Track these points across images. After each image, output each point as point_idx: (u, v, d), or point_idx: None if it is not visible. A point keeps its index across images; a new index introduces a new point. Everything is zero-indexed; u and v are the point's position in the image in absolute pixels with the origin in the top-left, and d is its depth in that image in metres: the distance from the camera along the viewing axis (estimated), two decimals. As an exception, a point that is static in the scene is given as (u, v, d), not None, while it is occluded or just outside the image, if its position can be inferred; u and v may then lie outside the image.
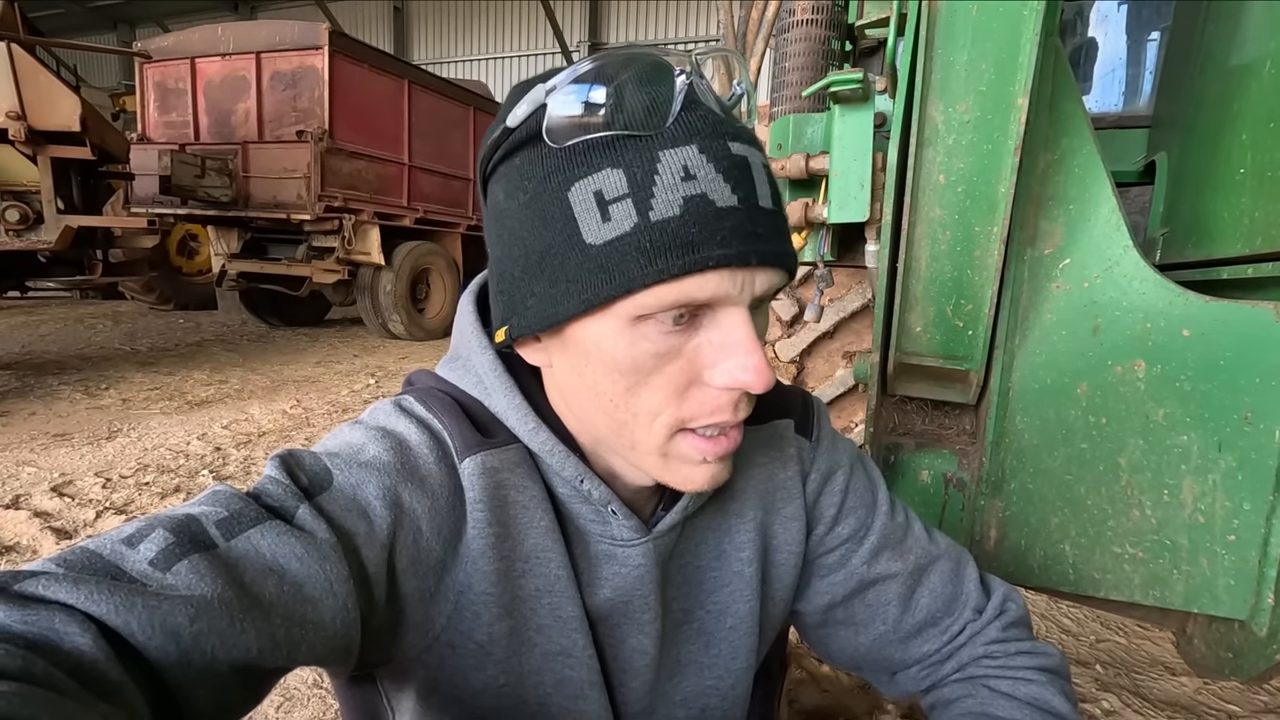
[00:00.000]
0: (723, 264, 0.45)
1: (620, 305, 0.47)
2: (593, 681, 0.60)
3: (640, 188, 0.45)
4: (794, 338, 2.20)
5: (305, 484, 0.49)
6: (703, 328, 0.48)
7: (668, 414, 0.50)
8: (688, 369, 0.49)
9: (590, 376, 0.51)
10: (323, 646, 0.45)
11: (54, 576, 0.37)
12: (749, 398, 0.52)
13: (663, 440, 0.51)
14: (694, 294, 0.46)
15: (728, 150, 0.46)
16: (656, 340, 0.48)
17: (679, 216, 0.44)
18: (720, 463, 0.53)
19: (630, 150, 0.45)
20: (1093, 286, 1.19)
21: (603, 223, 0.45)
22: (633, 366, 0.48)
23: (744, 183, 0.46)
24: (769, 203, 0.48)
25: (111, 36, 18.90)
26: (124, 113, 9.63)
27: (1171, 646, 1.82)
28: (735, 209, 0.45)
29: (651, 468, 0.54)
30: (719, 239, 0.45)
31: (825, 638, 0.76)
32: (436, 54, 16.71)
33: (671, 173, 0.45)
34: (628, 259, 0.45)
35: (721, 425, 0.51)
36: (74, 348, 5.88)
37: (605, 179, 0.45)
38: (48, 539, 2.25)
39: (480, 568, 0.54)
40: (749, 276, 0.47)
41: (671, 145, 0.45)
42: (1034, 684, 0.65)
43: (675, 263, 0.44)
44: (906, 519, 0.74)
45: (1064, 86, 1.20)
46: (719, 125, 0.47)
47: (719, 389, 0.49)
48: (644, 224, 0.45)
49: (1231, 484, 1.13)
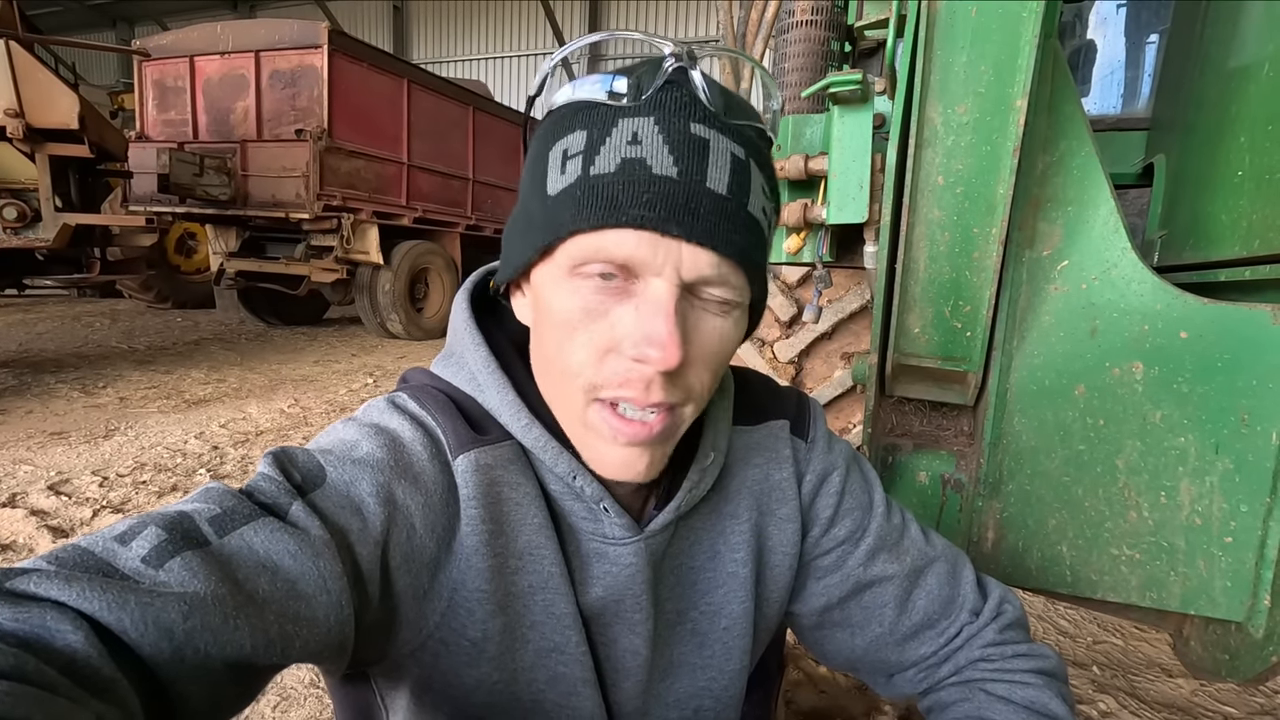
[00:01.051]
0: (639, 224, 0.46)
1: (558, 253, 0.50)
2: (585, 679, 0.60)
3: (592, 147, 0.48)
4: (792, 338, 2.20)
5: (299, 481, 0.49)
6: (632, 296, 0.49)
7: (585, 376, 0.51)
8: (609, 333, 0.50)
9: (541, 328, 0.54)
10: (316, 643, 0.45)
11: (46, 574, 0.36)
12: (667, 384, 0.50)
13: (581, 406, 0.53)
14: (611, 250, 0.48)
15: (686, 128, 0.48)
16: (586, 296, 0.49)
17: (612, 174, 0.47)
18: (635, 449, 0.52)
19: (598, 116, 0.49)
20: (1091, 288, 1.19)
21: (560, 175, 0.50)
22: (564, 319, 0.51)
23: (691, 158, 0.47)
24: (721, 188, 0.48)
25: (110, 34, 18.87)
26: (122, 111, 9.61)
27: (1168, 648, 1.82)
28: (670, 179, 0.47)
29: (576, 439, 0.55)
30: (644, 201, 0.46)
31: (821, 639, 0.75)
32: (436, 53, 16.71)
33: (621, 136, 0.48)
34: (564, 206, 0.49)
35: (632, 402, 0.51)
36: (71, 346, 5.87)
37: (573, 139, 0.49)
38: (44, 537, 2.25)
39: (474, 564, 0.54)
40: (674, 249, 0.47)
41: (633, 115, 0.48)
42: (1031, 687, 0.64)
43: (596, 214, 0.47)
44: (903, 520, 0.73)
45: (1063, 88, 1.20)
46: (689, 106, 0.49)
47: (628, 360, 0.49)
48: (583, 177, 0.48)
49: (1229, 486, 1.13)
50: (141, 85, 6.90)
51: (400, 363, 5.88)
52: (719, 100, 0.50)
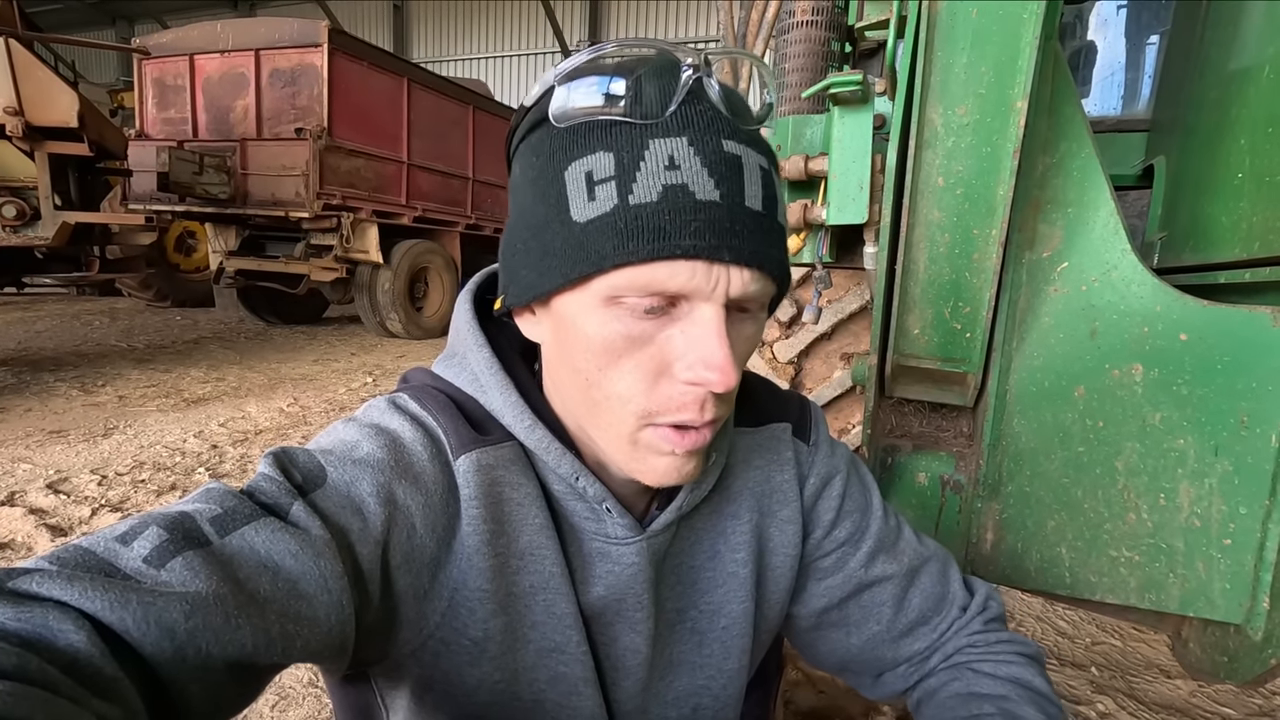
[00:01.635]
0: (692, 254, 0.45)
1: (596, 283, 0.48)
2: (586, 678, 0.60)
3: (625, 171, 0.46)
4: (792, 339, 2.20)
5: (299, 481, 0.49)
6: (677, 320, 0.49)
7: (636, 402, 0.50)
8: (658, 357, 0.49)
9: (569, 353, 0.52)
10: (317, 643, 0.45)
11: (48, 574, 0.36)
12: (718, 400, 0.51)
13: (632, 429, 0.52)
14: (664, 281, 0.46)
15: (719, 146, 0.47)
16: (628, 323, 0.48)
17: (655, 203, 0.45)
18: (688, 458, 0.53)
19: (624, 136, 0.47)
20: (1091, 290, 1.19)
21: (588, 201, 0.47)
22: (604, 346, 0.49)
23: (730, 180, 0.47)
24: (758, 205, 0.48)
25: (110, 32, 18.86)
26: (122, 109, 9.61)
27: (1166, 649, 1.82)
28: (715, 204, 0.46)
29: (621, 455, 0.54)
30: (692, 229, 0.45)
31: (815, 640, 0.76)
32: (436, 52, 16.71)
33: (656, 160, 0.46)
34: (603, 237, 0.46)
35: (687, 424, 0.51)
36: (71, 344, 5.86)
37: (597, 161, 0.47)
38: (43, 536, 2.25)
39: (475, 564, 0.54)
40: (723, 273, 0.47)
41: (663, 135, 0.46)
42: (1014, 665, 0.67)
43: (645, 247, 0.45)
44: (898, 522, 0.75)
45: (1063, 90, 1.20)
46: (716, 122, 0.47)
47: (684, 384, 0.49)
48: (622, 206, 0.46)
49: (1228, 488, 1.13)
50: (141, 83, 6.89)
51: (399, 362, 5.87)
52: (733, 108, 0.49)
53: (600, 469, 0.59)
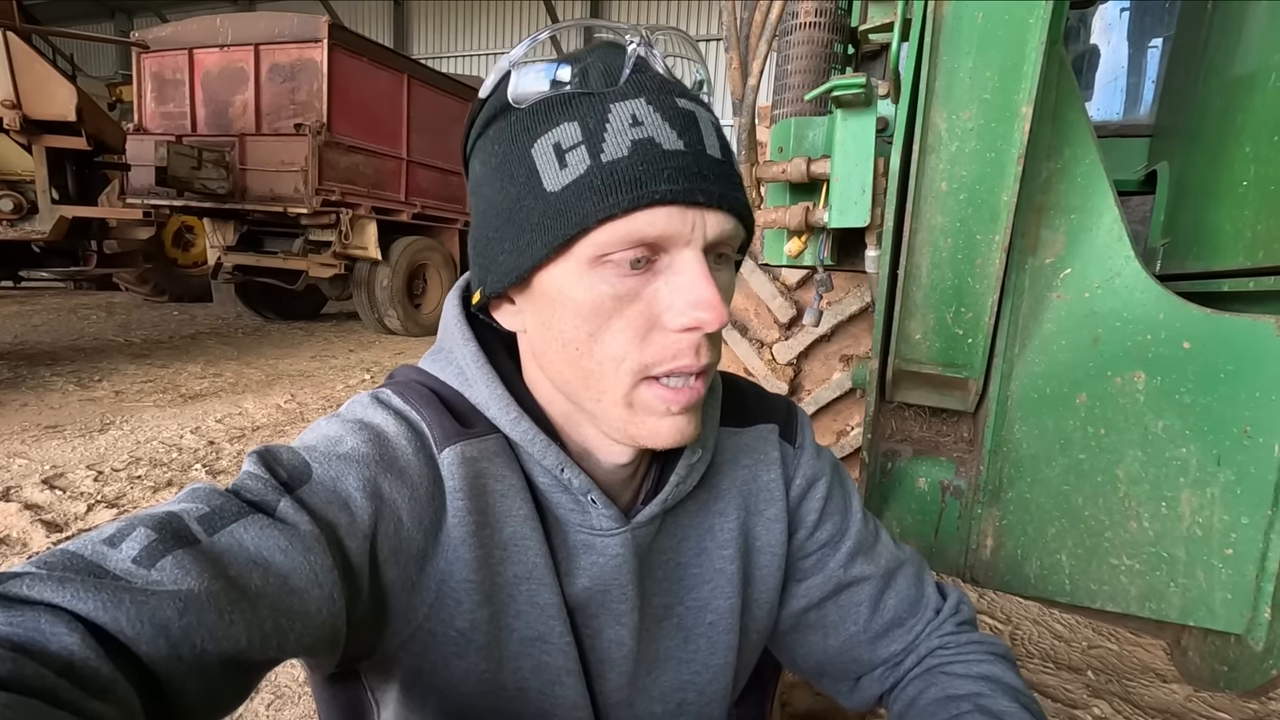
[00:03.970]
0: (669, 199, 0.48)
1: (579, 247, 0.50)
2: (570, 669, 0.61)
3: (593, 135, 0.49)
4: (791, 340, 2.20)
5: (285, 478, 0.50)
6: (660, 272, 0.51)
7: (630, 359, 0.51)
8: (647, 312, 0.51)
9: (557, 326, 0.53)
10: (310, 637, 0.46)
11: (37, 577, 0.36)
12: (711, 343, 0.53)
13: (628, 388, 0.52)
14: (645, 230, 0.48)
15: (674, 103, 0.50)
16: (614, 282, 0.50)
17: (627, 157, 0.48)
18: (685, 416, 0.54)
19: (585, 105, 0.50)
20: (1093, 296, 1.19)
21: (560, 170, 0.49)
22: (594, 309, 0.50)
23: (690, 131, 0.50)
24: (717, 153, 0.51)
25: (109, 25, 18.78)
26: (120, 103, 9.56)
27: (1163, 654, 1.82)
28: (681, 152, 0.49)
29: (618, 420, 0.55)
30: (666, 176, 0.48)
31: (794, 643, 0.77)
32: (436, 49, 16.67)
33: (621, 120, 0.49)
34: (582, 198, 0.48)
35: (684, 371, 0.52)
36: (67, 339, 5.84)
37: (563, 131, 0.49)
38: (38, 532, 2.24)
39: (461, 555, 0.55)
40: (699, 216, 0.49)
41: (622, 99, 0.49)
42: (985, 663, 0.68)
43: (625, 197, 0.47)
44: (875, 527, 0.77)
45: (1068, 95, 1.19)
46: (666, 84, 0.51)
47: (677, 332, 0.51)
48: (596, 165, 0.48)
49: (1230, 498, 1.13)
50: (140, 77, 6.87)
51: (398, 359, 5.86)
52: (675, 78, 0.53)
53: (585, 458, 0.60)
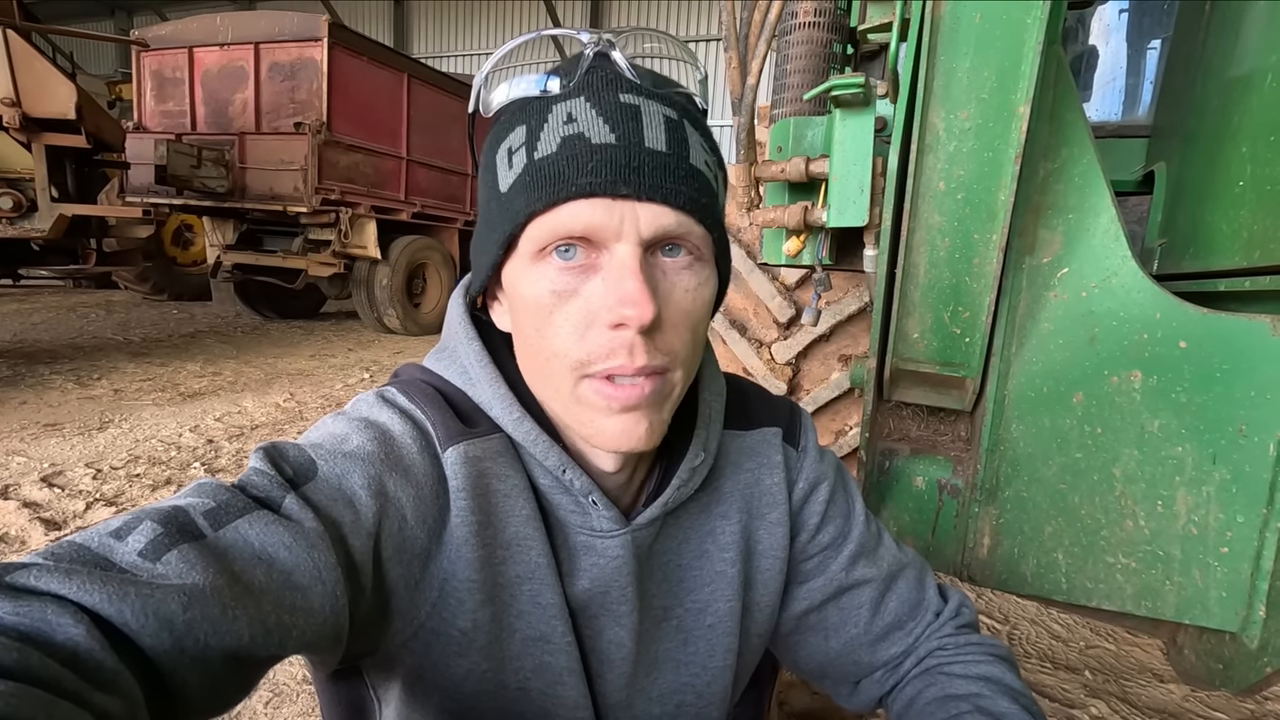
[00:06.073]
0: (590, 191, 0.48)
1: (521, 242, 0.52)
2: (571, 669, 0.61)
3: (532, 135, 0.51)
4: (790, 340, 2.20)
5: (290, 475, 0.50)
6: (599, 270, 0.51)
7: (571, 355, 0.51)
8: (584, 309, 0.51)
9: (518, 322, 0.55)
10: (313, 633, 0.46)
11: (45, 568, 0.36)
12: (649, 344, 0.51)
13: (571, 384, 0.53)
14: (569, 224, 0.49)
15: (616, 99, 0.50)
16: (553, 278, 0.51)
17: (555, 153, 0.49)
18: (632, 415, 0.52)
19: (533, 108, 0.51)
20: (1090, 296, 1.19)
21: (508, 170, 0.52)
22: (537, 305, 0.52)
23: (626, 124, 0.49)
24: (660, 145, 0.50)
25: (109, 24, 18.76)
26: (120, 101, 9.56)
27: (1160, 653, 1.82)
28: (611, 145, 0.49)
29: (571, 419, 0.55)
30: (589, 169, 0.48)
31: (795, 645, 0.77)
32: (436, 48, 16.65)
33: (557, 119, 0.50)
34: (517, 195, 0.51)
35: (619, 372, 0.51)
36: (66, 337, 5.84)
37: (514, 135, 0.52)
38: (37, 530, 2.24)
39: (463, 555, 0.55)
40: (628, 210, 0.49)
41: (564, 99, 0.51)
42: (984, 664, 0.68)
43: (547, 191, 0.49)
44: (878, 529, 0.77)
45: (1065, 95, 1.20)
46: (616, 81, 0.51)
47: (609, 330, 0.50)
48: (529, 164, 0.50)
49: (1225, 496, 1.13)
50: (140, 75, 6.86)
51: (397, 358, 5.86)
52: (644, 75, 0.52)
53: (581, 461, 0.60)
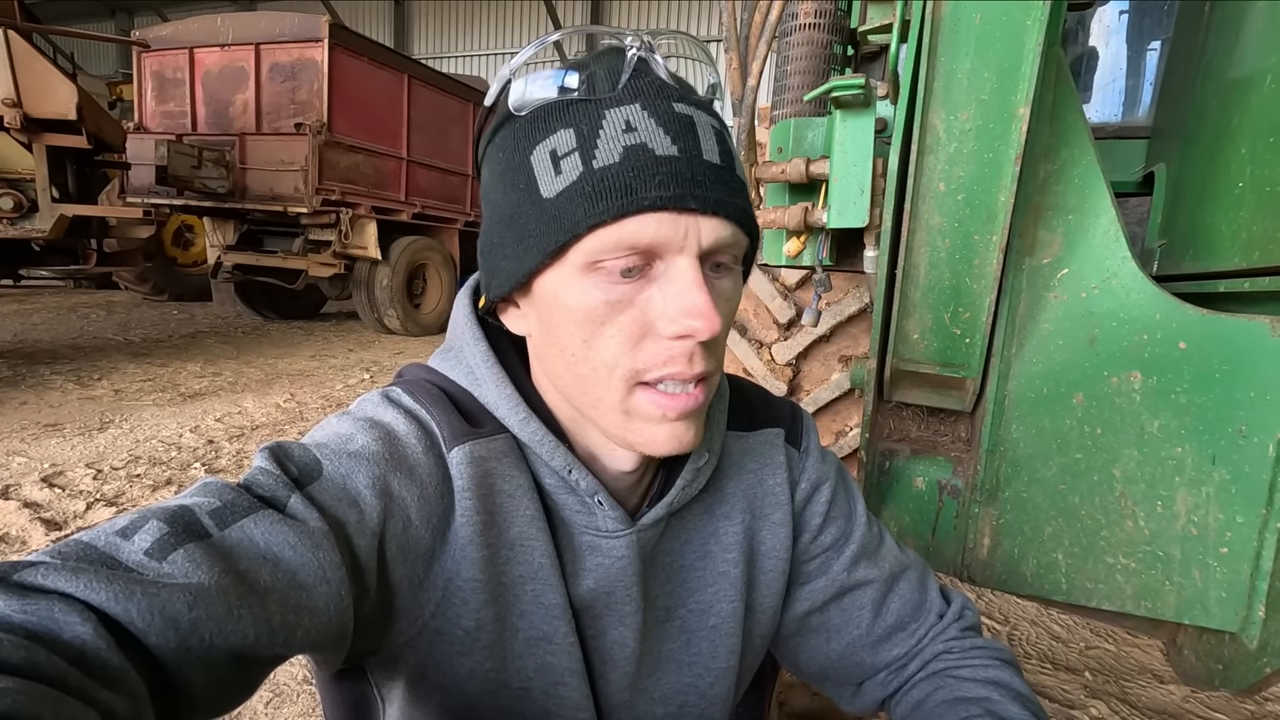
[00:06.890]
0: (659, 205, 0.47)
1: (572, 254, 0.50)
2: (573, 669, 0.61)
3: (586, 141, 0.49)
4: (790, 341, 2.20)
5: (295, 474, 0.50)
6: (654, 280, 0.50)
7: (623, 365, 0.51)
8: (640, 319, 0.50)
9: (555, 331, 0.53)
10: (317, 633, 0.46)
11: (52, 566, 0.37)
12: (708, 351, 0.52)
13: (622, 395, 0.52)
14: (635, 236, 0.48)
15: (671, 109, 0.50)
16: (607, 289, 0.50)
17: (618, 163, 0.48)
18: (683, 423, 0.53)
19: (581, 111, 0.49)
20: (1090, 297, 1.19)
21: (555, 176, 0.49)
22: (586, 316, 0.50)
23: (685, 136, 0.49)
24: (715, 158, 0.50)
25: (109, 24, 18.78)
26: (121, 101, 9.57)
27: (1160, 654, 1.82)
28: (675, 158, 0.48)
29: (615, 428, 0.54)
30: (657, 182, 0.47)
31: (797, 647, 0.77)
32: (437, 49, 16.67)
33: (614, 127, 0.48)
34: (574, 204, 0.48)
35: (677, 378, 0.51)
36: (67, 337, 5.84)
37: (559, 139, 0.49)
38: (37, 530, 2.24)
39: (468, 555, 0.55)
40: (692, 223, 0.49)
41: (618, 105, 0.49)
42: (992, 668, 0.68)
43: (614, 204, 0.47)
44: (880, 531, 0.77)
45: (1065, 96, 1.20)
46: (665, 89, 0.50)
47: (669, 339, 0.50)
48: (588, 172, 0.48)
49: (1225, 497, 1.13)
50: (140, 76, 6.87)
51: (397, 358, 5.86)
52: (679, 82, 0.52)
53: (592, 462, 0.60)
